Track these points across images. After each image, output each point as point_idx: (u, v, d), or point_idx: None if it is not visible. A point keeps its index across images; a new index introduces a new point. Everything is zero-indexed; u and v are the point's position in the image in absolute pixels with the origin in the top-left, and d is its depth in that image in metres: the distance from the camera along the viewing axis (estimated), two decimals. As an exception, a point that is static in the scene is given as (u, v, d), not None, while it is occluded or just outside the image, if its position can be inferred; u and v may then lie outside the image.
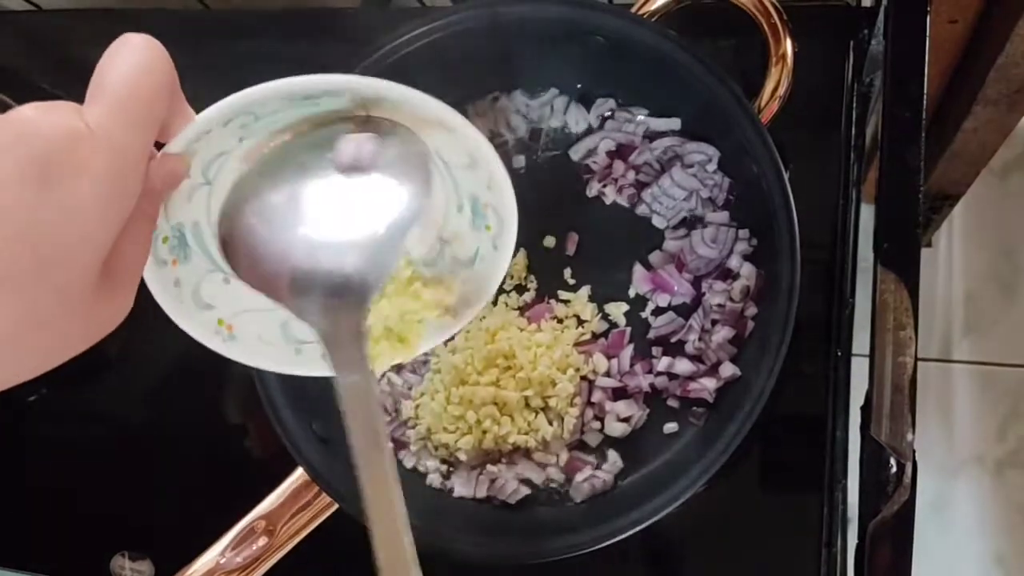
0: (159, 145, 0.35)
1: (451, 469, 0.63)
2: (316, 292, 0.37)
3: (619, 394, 0.62)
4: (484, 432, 0.61)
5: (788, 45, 0.58)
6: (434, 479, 0.63)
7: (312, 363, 0.44)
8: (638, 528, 0.54)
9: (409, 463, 0.64)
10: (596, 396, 0.62)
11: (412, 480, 0.63)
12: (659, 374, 0.61)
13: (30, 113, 0.30)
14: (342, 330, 0.37)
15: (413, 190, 0.38)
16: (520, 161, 0.67)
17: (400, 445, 0.64)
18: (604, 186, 0.65)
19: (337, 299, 0.37)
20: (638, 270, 0.63)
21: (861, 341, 0.54)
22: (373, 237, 0.38)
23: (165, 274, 0.39)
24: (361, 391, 0.36)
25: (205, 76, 0.79)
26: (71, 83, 0.83)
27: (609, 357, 0.62)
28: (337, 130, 0.39)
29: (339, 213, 0.38)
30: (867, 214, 0.59)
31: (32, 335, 0.31)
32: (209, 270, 0.41)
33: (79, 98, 0.86)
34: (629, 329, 0.63)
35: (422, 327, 0.44)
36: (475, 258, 0.45)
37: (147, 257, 0.36)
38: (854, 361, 0.62)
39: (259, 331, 0.43)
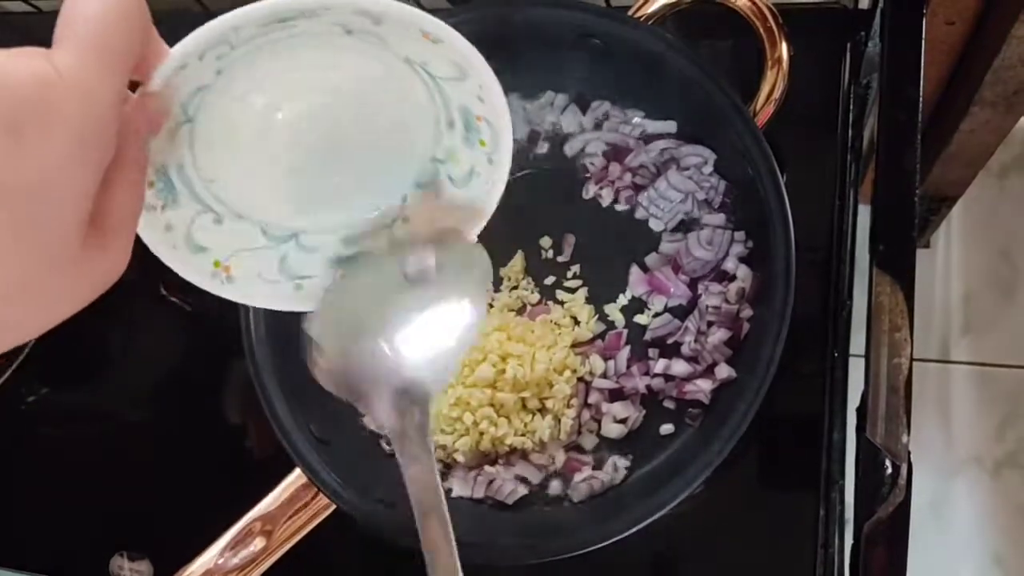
0: (134, 86, 0.34)
1: (449, 470, 0.63)
2: (386, 394, 0.41)
3: (616, 395, 0.62)
4: (481, 433, 0.61)
5: (783, 49, 0.58)
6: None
7: (313, 298, 0.45)
8: (636, 528, 0.55)
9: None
10: (593, 397, 0.62)
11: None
12: (655, 375, 0.61)
13: None
14: (408, 425, 0.41)
15: (472, 301, 0.43)
16: (516, 164, 0.67)
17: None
18: (601, 188, 0.65)
19: (404, 399, 0.41)
20: (635, 272, 0.63)
21: (859, 341, 0.54)
22: (439, 348, 0.42)
23: (155, 220, 0.39)
24: (426, 479, 0.40)
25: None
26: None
27: (606, 358, 0.62)
28: (408, 248, 0.43)
29: (409, 323, 0.42)
30: (865, 215, 0.59)
31: (19, 298, 0.29)
32: (199, 211, 0.40)
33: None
34: (626, 331, 0.63)
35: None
36: (471, 175, 0.45)
37: (140, 205, 0.35)
38: (852, 361, 0.62)
39: (258, 269, 0.43)
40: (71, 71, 0.29)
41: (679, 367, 0.61)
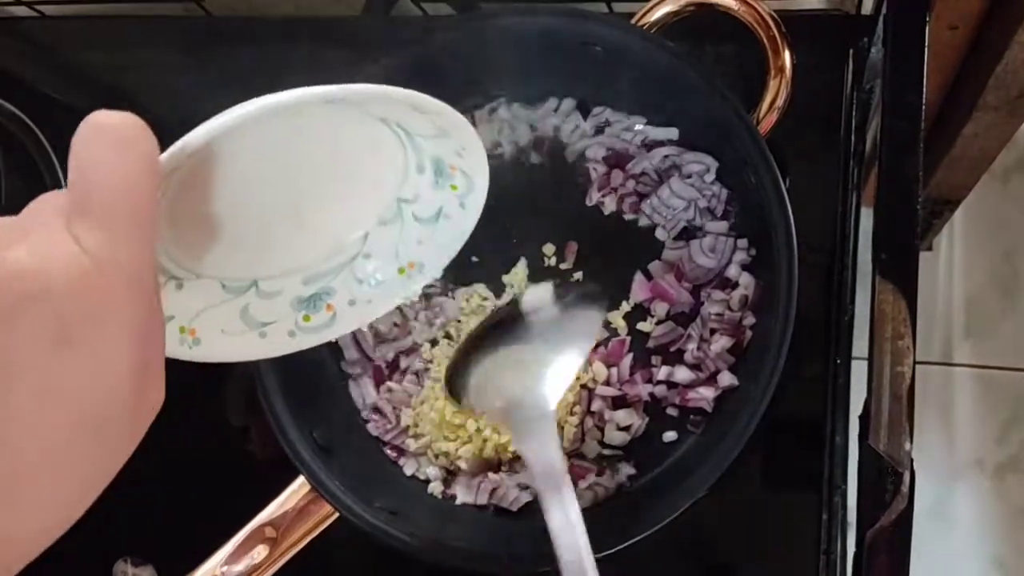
0: None
1: (452, 477, 0.63)
2: (519, 415, 0.46)
3: (618, 403, 0.62)
4: (484, 440, 0.62)
5: (787, 57, 0.58)
6: (435, 487, 0.63)
7: (278, 343, 0.45)
8: (640, 537, 0.55)
9: (409, 470, 0.64)
10: (596, 405, 0.62)
11: (414, 488, 0.64)
12: (658, 383, 0.61)
13: (25, 260, 0.25)
14: (548, 451, 0.45)
15: (584, 330, 0.49)
16: (519, 170, 0.67)
17: (400, 452, 0.64)
18: (604, 195, 0.65)
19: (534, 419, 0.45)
20: (638, 279, 0.63)
21: (862, 344, 0.54)
22: (556, 371, 0.46)
23: None
24: (562, 503, 0.43)
25: (206, 82, 0.80)
26: (74, 89, 0.83)
27: (609, 366, 0.62)
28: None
29: (532, 354, 0.47)
30: (868, 217, 0.59)
31: (82, 484, 0.28)
32: (163, 282, 0.39)
33: (82, 103, 0.86)
34: (629, 338, 0.63)
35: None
36: (438, 216, 0.46)
37: (165, 338, 0.32)
38: (854, 364, 0.62)
39: (220, 325, 0.43)
40: (108, 255, 0.26)
41: (682, 374, 0.61)
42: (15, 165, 0.70)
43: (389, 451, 0.64)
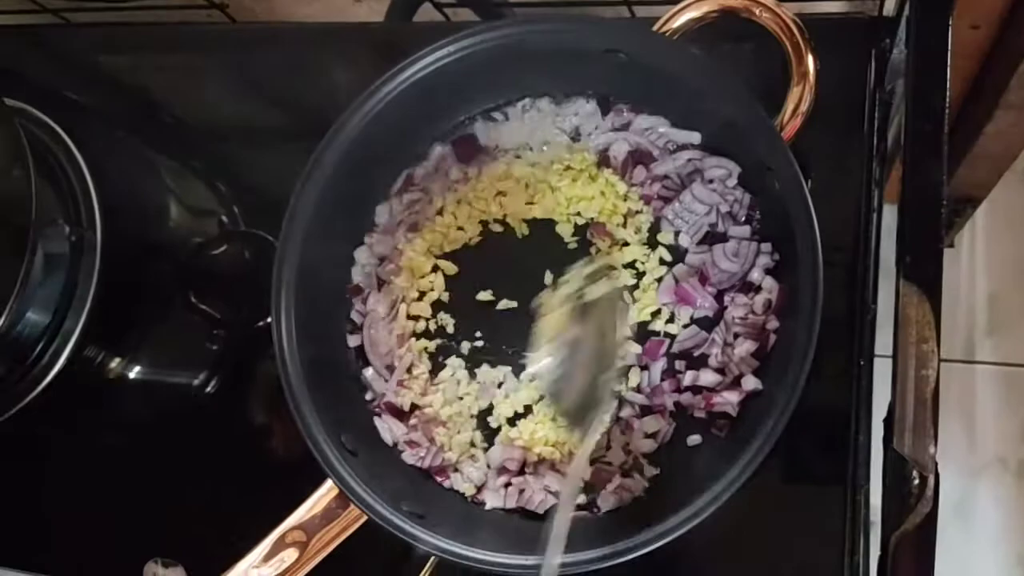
0: None
1: (481, 484, 0.64)
2: None
3: (645, 409, 0.62)
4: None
5: (810, 63, 0.58)
6: (467, 488, 0.64)
7: None
8: (665, 541, 0.55)
9: (458, 486, 0.65)
10: (624, 412, 0.62)
11: (442, 490, 0.65)
12: (684, 390, 0.62)
13: None
14: None
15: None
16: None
17: (444, 473, 0.65)
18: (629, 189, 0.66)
19: None
20: (666, 281, 0.63)
21: (885, 340, 0.54)
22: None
23: None
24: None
25: (230, 88, 0.81)
26: (101, 95, 0.84)
27: (642, 368, 0.63)
28: None
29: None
30: (889, 214, 0.58)
31: None
32: None
33: (108, 109, 0.86)
34: (668, 340, 0.63)
35: None
36: None
37: None
38: (877, 361, 0.62)
39: None
40: None
41: (707, 377, 0.61)
42: (44, 172, 0.71)
43: (437, 476, 0.65)
